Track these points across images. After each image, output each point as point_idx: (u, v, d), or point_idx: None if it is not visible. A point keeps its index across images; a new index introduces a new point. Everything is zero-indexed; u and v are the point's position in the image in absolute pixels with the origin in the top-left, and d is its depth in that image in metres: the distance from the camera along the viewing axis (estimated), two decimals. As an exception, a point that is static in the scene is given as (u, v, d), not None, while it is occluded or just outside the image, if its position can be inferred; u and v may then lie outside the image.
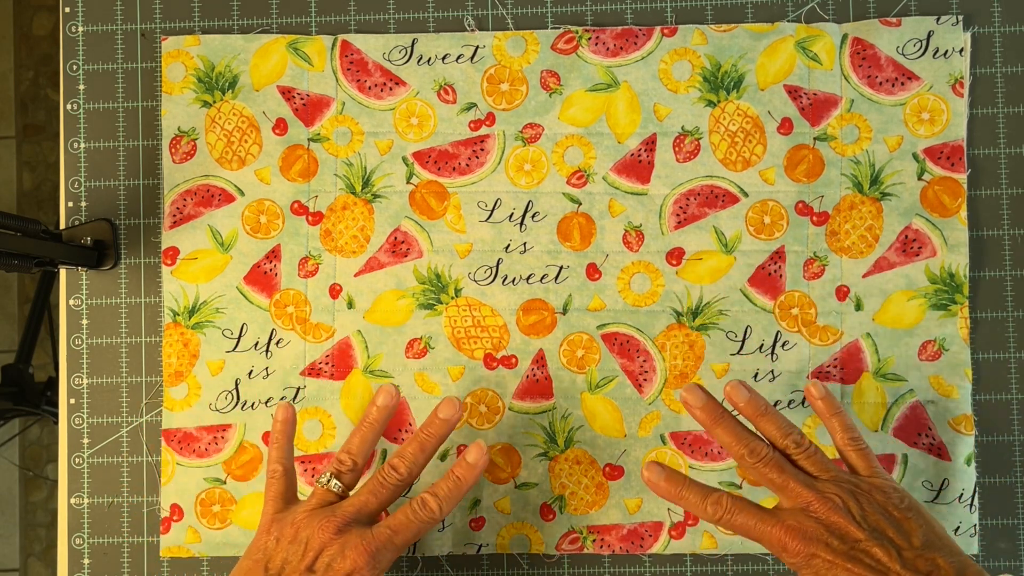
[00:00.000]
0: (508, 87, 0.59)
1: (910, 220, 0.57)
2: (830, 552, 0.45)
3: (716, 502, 0.48)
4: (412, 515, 0.49)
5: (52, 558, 1.45)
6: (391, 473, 0.50)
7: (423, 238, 0.59)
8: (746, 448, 0.48)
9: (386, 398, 0.52)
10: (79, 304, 0.60)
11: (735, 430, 0.49)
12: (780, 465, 0.48)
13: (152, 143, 0.60)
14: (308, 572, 0.47)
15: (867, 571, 0.44)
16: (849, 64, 0.58)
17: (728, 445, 0.49)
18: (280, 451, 0.53)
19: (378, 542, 0.48)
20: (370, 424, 0.52)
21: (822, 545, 0.45)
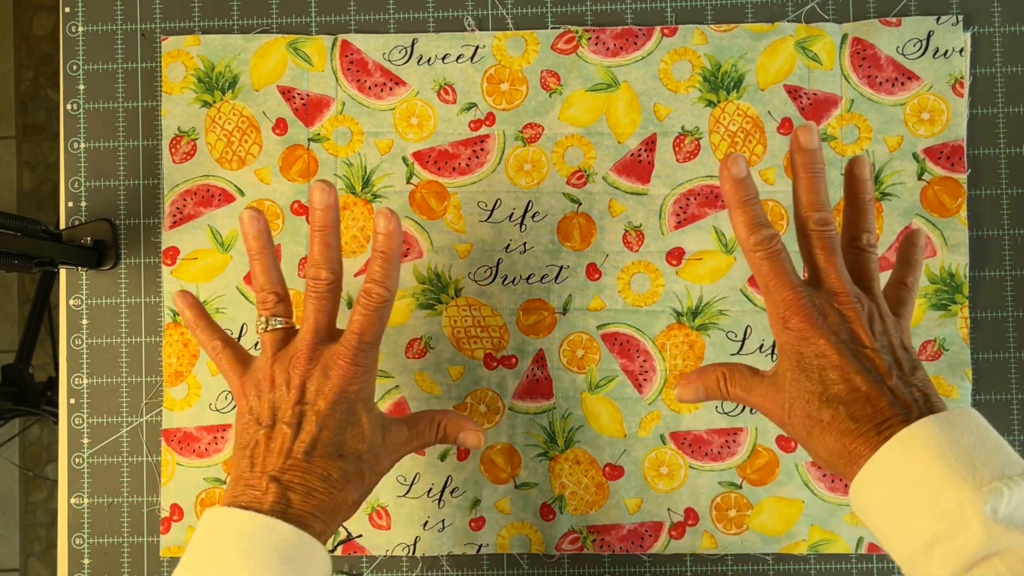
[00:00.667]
0: (508, 87, 0.59)
1: (910, 220, 0.57)
2: (829, 340, 0.42)
3: (761, 236, 0.44)
4: (366, 309, 0.47)
5: (52, 558, 1.45)
6: (319, 283, 0.48)
7: (423, 238, 0.59)
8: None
9: (251, 222, 0.49)
10: (79, 304, 0.60)
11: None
12: (834, 249, 0.45)
13: (152, 143, 0.60)
14: (299, 405, 0.46)
15: (861, 372, 0.41)
16: (849, 64, 0.58)
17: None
18: (206, 331, 0.50)
19: (350, 349, 0.46)
20: (260, 250, 0.49)
21: (827, 331, 0.42)
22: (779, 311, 0.44)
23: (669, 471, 0.58)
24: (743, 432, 0.57)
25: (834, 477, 0.57)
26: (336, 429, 0.45)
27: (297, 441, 0.45)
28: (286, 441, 0.45)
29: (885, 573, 0.57)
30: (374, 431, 0.47)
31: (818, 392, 0.42)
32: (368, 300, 0.47)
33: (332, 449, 0.45)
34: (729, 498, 0.57)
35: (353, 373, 0.46)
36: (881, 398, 0.40)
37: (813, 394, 0.42)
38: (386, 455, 0.48)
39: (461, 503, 0.58)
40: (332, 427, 0.45)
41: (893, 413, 0.40)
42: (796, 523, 0.57)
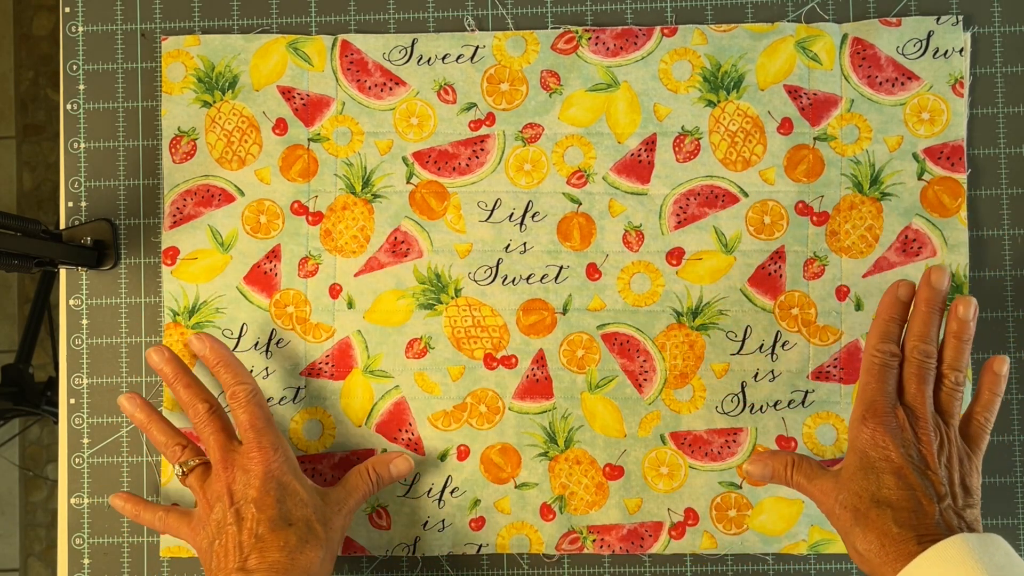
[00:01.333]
0: (508, 87, 0.59)
1: (910, 220, 0.57)
2: (898, 450, 0.46)
3: (886, 349, 0.49)
4: (241, 406, 0.53)
5: (52, 558, 1.45)
6: (199, 414, 0.53)
7: (423, 238, 0.59)
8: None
9: (129, 401, 0.55)
10: (79, 304, 0.60)
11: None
12: (926, 379, 0.49)
13: (152, 143, 0.60)
14: (233, 506, 0.50)
15: (920, 489, 0.45)
16: (849, 64, 0.58)
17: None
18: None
19: (251, 440, 0.52)
20: (146, 420, 0.55)
21: (899, 443, 0.46)
22: (863, 409, 0.48)
23: (669, 471, 0.58)
24: (743, 432, 0.57)
25: (834, 477, 0.57)
26: (275, 504, 0.50)
27: (244, 531, 0.50)
28: (234, 536, 0.50)
29: (885, 573, 0.57)
30: (312, 495, 0.52)
31: (871, 492, 0.45)
32: (238, 400, 0.53)
33: (280, 522, 0.50)
34: (729, 498, 0.57)
35: (266, 455, 0.51)
36: (930, 516, 0.44)
37: (867, 492, 0.46)
38: (334, 513, 0.52)
39: (461, 503, 0.58)
40: (271, 504, 0.50)
41: (937, 531, 0.43)
42: (796, 523, 0.57)
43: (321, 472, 0.58)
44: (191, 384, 0.54)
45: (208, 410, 0.53)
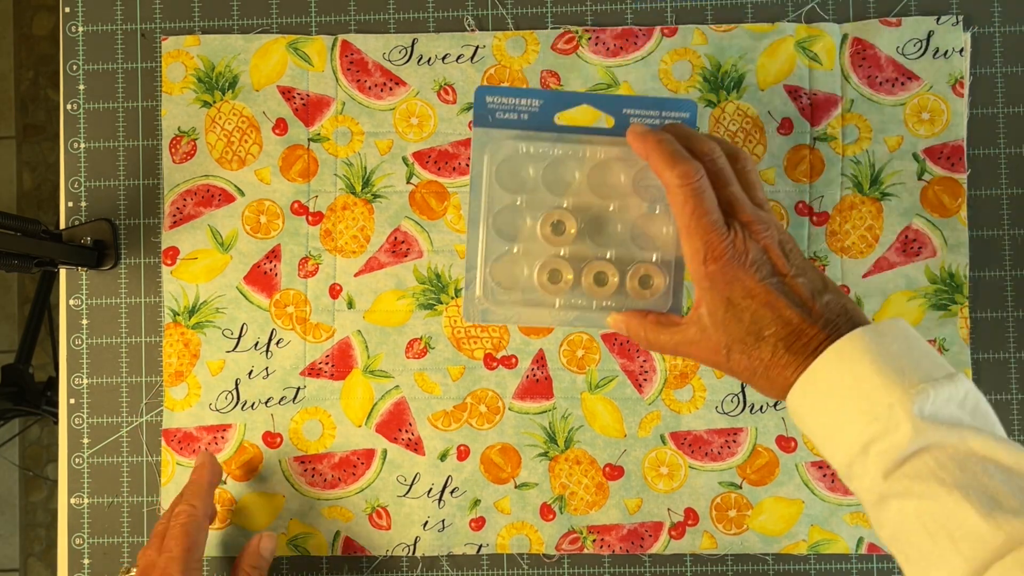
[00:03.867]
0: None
1: (910, 220, 0.57)
2: (755, 278, 0.42)
3: (685, 169, 0.43)
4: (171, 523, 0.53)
5: (52, 558, 1.45)
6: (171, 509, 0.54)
7: (423, 238, 0.59)
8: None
9: None
10: (79, 304, 0.60)
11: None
12: (730, 179, 0.44)
13: (152, 143, 0.60)
14: None
15: (789, 305, 0.42)
16: (849, 64, 0.58)
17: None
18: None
19: (160, 570, 0.51)
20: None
21: (751, 269, 0.43)
22: (700, 252, 0.43)
23: (669, 471, 0.58)
24: (743, 432, 0.57)
25: (834, 477, 0.57)
26: None
27: None
28: None
29: (885, 573, 0.57)
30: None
31: (753, 331, 0.42)
32: (177, 519, 0.53)
33: None
34: (729, 498, 0.57)
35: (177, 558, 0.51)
36: (811, 326, 0.42)
37: (748, 334, 0.43)
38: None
39: (461, 503, 0.58)
40: None
41: (824, 336, 0.41)
42: (796, 523, 0.57)
43: (321, 472, 0.58)
44: (207, 498, 0.55)
45: (187, 513, 0.53)
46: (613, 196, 0.50)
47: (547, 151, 0.49)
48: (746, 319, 0.43)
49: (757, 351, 0.42)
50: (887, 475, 0.38)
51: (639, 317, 0.48)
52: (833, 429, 0.40)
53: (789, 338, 0.42)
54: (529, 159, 0.49)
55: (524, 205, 0.50)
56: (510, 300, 0.50)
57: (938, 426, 0.38)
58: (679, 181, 0.43)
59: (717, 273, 0.43)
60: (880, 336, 0.40)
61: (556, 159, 0.49)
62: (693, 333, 0.45)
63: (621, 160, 0.49)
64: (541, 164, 0.49)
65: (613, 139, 0.49)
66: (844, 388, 0.39)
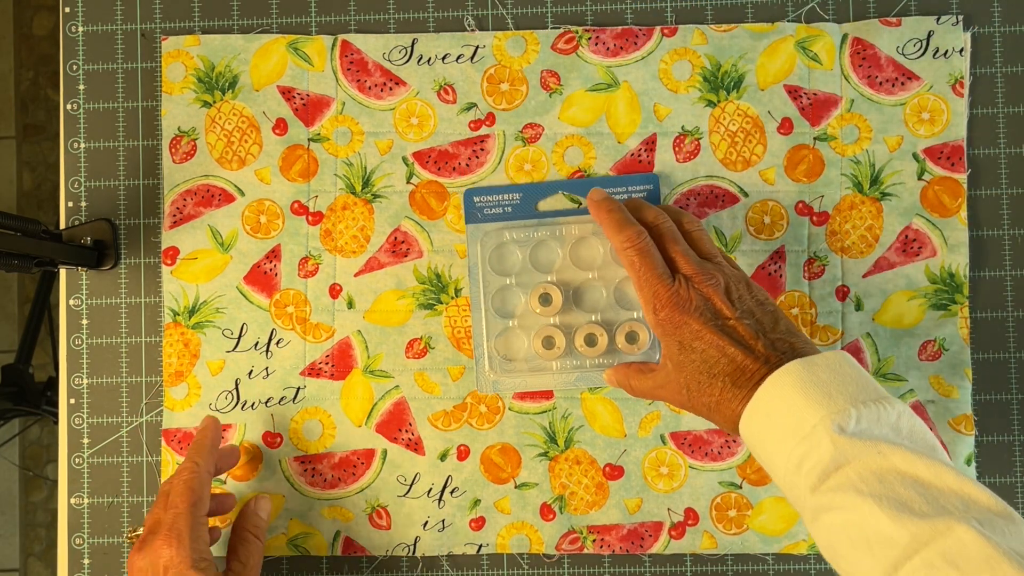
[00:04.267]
0: (508, 87, 0.59)
1: (910, 220, 0.57)
2: (700, 322, 0.47)
3: (629, 233, 0.50)
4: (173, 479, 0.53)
5: (52, 558, 1.45)
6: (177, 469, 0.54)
7: (423, 238, 0.59)
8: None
9: None
10: (79, 304, 0.60)
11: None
12: (675, 238, 0.50)
13: (152, 143, 0.60)
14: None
15: (733, 344, 0.46)
16: (849, 64, 0.58)
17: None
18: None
19: (162, 527, 0.51)
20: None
21: (696, 314, 0.47)
22: (651, 303, 0.49)
23: (669, 471, 0.58)
24: (743, 432, 0.57)
25: (834, 477, 0.57)
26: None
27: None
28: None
29: (885, 573, 0.57)
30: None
31: (704, 370, 0.46)
32: (180, 475, 0.53)
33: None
34: (729, 498, 0.57)
35: (167, 547, 0.50)
36: (754, 362, 0.45)
37: (700, 373, 0.47)
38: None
39: (461, 503, 0.58)
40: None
41: (766, 371, 0.44)
42: (796, 523, 0.57)
43: (321, 472, 0.58)
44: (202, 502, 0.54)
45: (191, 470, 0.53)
46: (593, 267, 0.57)
47: (530, 235, 0.57)
48: (697, 359, 0.47)
49: (709, 387, 0.46)
50: (814, 489, 0.41)
51: (624, 367, 0.54)
52: (773, 452, 0.43)
53: (735, 374, 0.45)
54: (516, 244, 0.57)
55: (515, 284, 0.57)
56: (515, 369, 0.57)
57: (858, 443, 0.40)
58: (626, 244, 0.50)
59: (666, 320, 0.48)
60: (811, 365, 0.43)
61: (539, 241, 0.57)
62: (662, 377, 0.50)
63: (596, 235, 0.56)
64: (527, 247, 0.57)
65: (588, 217, 0.56)
66: (779, 413, 0.43)
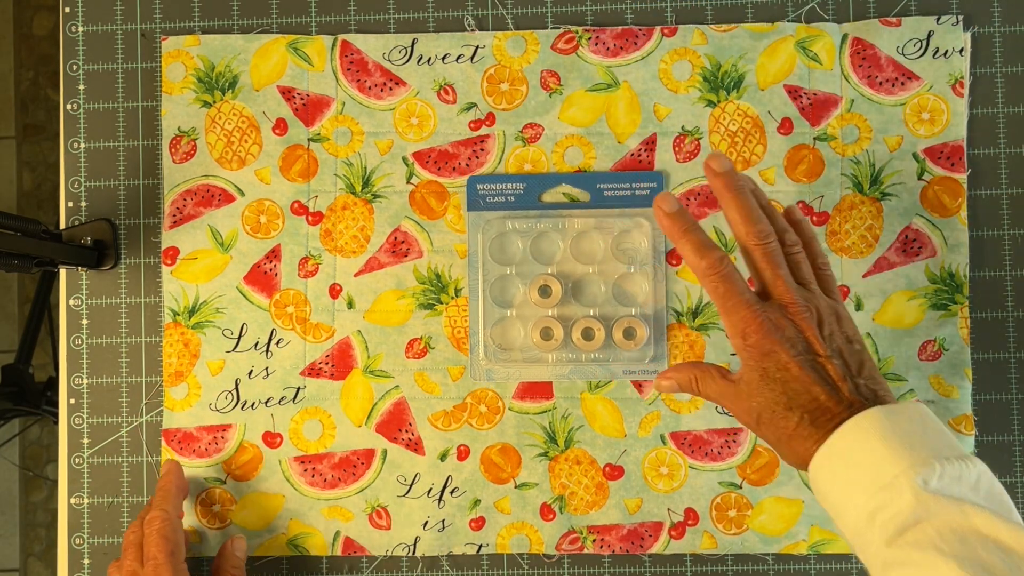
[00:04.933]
0: (508, 87, 0.59)
1: (910, 220, 0.57)
2: (789, 354, 0.45)
3: (712, 260, 0.46)
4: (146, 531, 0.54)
5: (52, 558, 1.45)
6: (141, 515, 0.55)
7: (423, 238, 0.59)
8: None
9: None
10: (79, 304, 0.60)
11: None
12: (778, 262, 0.47)
13: (152, 143, 0.60)
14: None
15: (819, 383, 0.44)
16: (849, 64, 0.58)
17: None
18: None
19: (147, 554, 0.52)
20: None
21: (786, 344, 0.45)
22: (738, 329, 0.46)
23: (669, 471, 0.58)
24: (743, 432, 0.57)
25: (834, 477, 0.57)
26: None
27: None
28: None
29: (885, 573, 0.57)
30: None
31: (783, 402, 0.45)
32: (152, 525, 0.53)
33: None
34: (729, 498, 0.57)
35: (162, 557, 0.52)
36: (838, 404, 0.44)
37: (778, 404, 0.45)
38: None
39: (461, 503, 0.58)
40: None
41: (847, 415, 0.43)
42: (796, 523, 0.57)
43: (321, 472, 0.58)
44: (175, 499, 0.56)
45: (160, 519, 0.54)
46: (593, 261, 0.57)
47: (532, 226, 0.57)
48: (778, 390, 0.45)
49: (784, 420, 0.45)
50: (890, 543, 0.39)
51: (696, 365, 0.50)
52: (844, 499, 0.42)
53: (815, 412, 0.44)
54: (517, 234, 0.57)
55: (515, 274, 0.57)
56: (510, 359, 0.57)
57: (942, 499, 0.39)
58: (710, 272, 0.47)
59: (755, 346, 0.46)
60: (894, 414, 0.42)
61: (541, 232, 0.57)
62: (734, 392, 0.47)
63: (598, 229, 0.57)
64: (528, 238, 0.57)
65: (591, 211, 0.57)
66: (856, 460, 0.41)
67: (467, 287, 0.58)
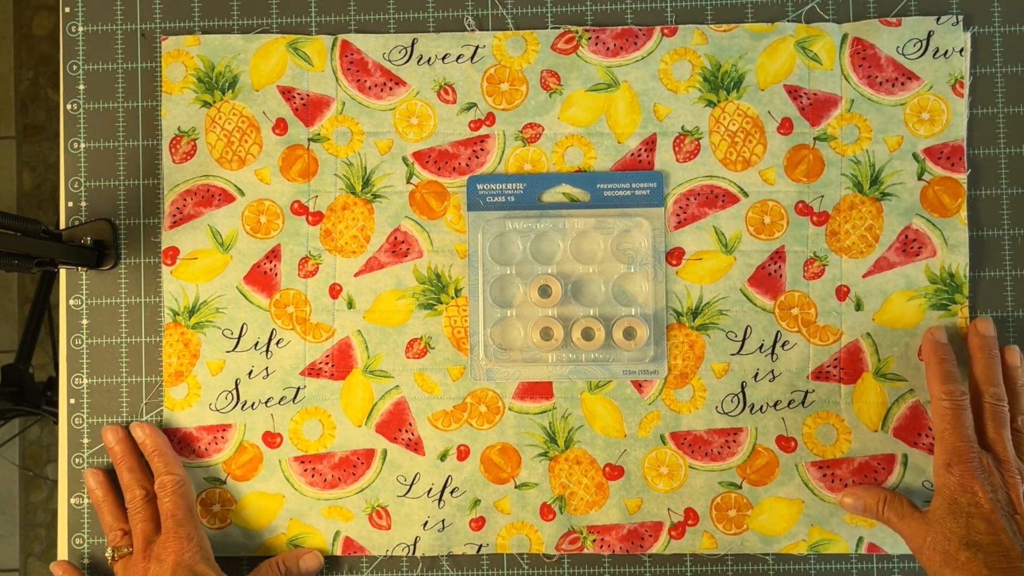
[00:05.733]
0: (508, 87, 0.59)
1: (910, 220, 0.57)
2: (987, 495, 0.48)
3: (954, 390, 0.51)
4: (167, 495, 0.55)
5: (52, 558, 1.45)
6: (135, 500, 0.56)
7: (423, 238, 0.59)
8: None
9: (93, 476, 0.58)
10: (79, 304, 0.60)
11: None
12: (1005, 423, 0.51)
13: (152, 143, 0.60)
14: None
15: (1009, 534, 0.46)
16: (849, 64, 0.58)
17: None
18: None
19: (170, 530, 0.54)
20: (103, 498, 0.57)
21: (987, 487, 0.48)
22: (947, 456, 0.50)
23: (669, 471, 0.58)
24: (743, 432, 0.57)
25: (834, 476, 0.57)
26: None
27: None
28: None
29: (885, 573, 0.57)
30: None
31: (961, 535, 0.47)
32: (164, 489, 0.55)
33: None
34: (729, 498, 0.57)
35: (180, 545, 0.53)
36: (1014, 558, 0.45)
37: (956, 535, 0.48)
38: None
39: (461, 503, 0.58)
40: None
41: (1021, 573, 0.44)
42: (796, 523, 0.57)
43: (321, 472, 0.58)
44: (134, 468, 0.57)
45: (143, 497, 0.56)
46: (593, 261, 0.57)
47: (532, 226, 0.57)
48: (961, 522, 0.48)
49: (956, 551, 0.47)
50: None
51: (883, 491, 0.54)
52: None
53: (993, 555, 0.46)
54: (517, 234, 0.57)
55: (515, 274, 0.57)
56: (510, 359, 0.57)
57: None
58: (944, 397, 0.52)
59: (957, 478, 0.49)
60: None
61: (541, 232, 0.57)
62: (916, 521, 0.51)
63: (598, 229, 0.57)
64: (528, 238, 0.57)
65: (591, 211, 0.57)
66: None
67: (467, 287, 0.58)
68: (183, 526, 0.54)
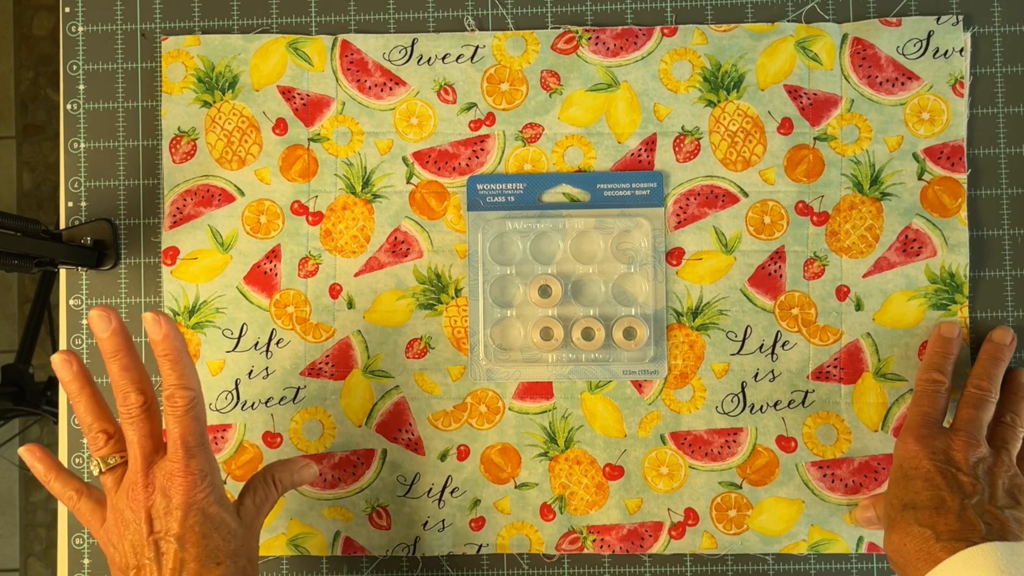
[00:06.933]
0: (508, 87, 0.59)
1: (910, 220, 0.57)
2: (928, 458, 0.48)
3: (940, 379, 0.53)
4: (176, 415, 0.45)
5: (52, 558, 1.45)
6: (130, 407, 0.46)
7: (423, 238, 0.59)
8: (993, 385, 0.52)
9: (64, 366, 0.48)
10: (79, 304, 0.60)
11: (999, 372, 0.53)
12: (983, 406, 0.52)
13: (152, 143, 0.60)
14: (152, 536, 0.45)
15: (944, 489, 0.46)
16: (849, 64, 0.58)
17: (985, 376, 0.53)
18: (59, 480, 0.49)
19: (179, 460, 0.45)
20: (79, 390, 0.47)
21: (931, 452, 0.48)
22: (904, 429, 0.52)
23: (669, 471, 0.58)
24: (743, 432, 0.57)
25: (834, 477, 0.57)
26: (200, 541, 0.45)
27: (165, 570, 0.44)
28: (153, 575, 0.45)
29: (885, 573, 0.57)
30: (238, 524, 0.47)
31: (901, 497, 0.48)
32: (175, 406, 0.46)
33: (206, 561, 0.45)
34: (729, 498, 0.57)
35: (192, 482, 0.45)
36: (951, 511, 0.45)
37: (898, 498, 0.48)
38: (251, 537, 0.49)
39: (461, 503, 0.58)
40: (194, 540, 0.45)
41: (958, 526, 0.44)
42: (796, 523, 0.57)
43: (321, 472, 0.58)
44: (130, 367, 0.46)
45: (141, 404, 0.46)
46: (593, 260, 0.57)
47: (532, 226, 0.57)
48: (902, 485, 0.49)
49: (899, 512, 0.48)
50: None
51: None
52: None
53: (923, 511, 0.46)
54: (517, 234, 0.57)
55: (515, 274, 0.57)
56: (510, 359, 0.57)
57: None
58: (924, 381, 0.53)
59: (902, 447, 0.50)
60: (1014, 555, 0.42)
61: (541, 232, 0.57)
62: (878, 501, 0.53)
63: (598, 229, 0.57)
64: (528, 238, 0.57)
65: (591, 211, 0.57)
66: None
67: (467, 287, 0.58)
68: (195, 458, 0.45)
